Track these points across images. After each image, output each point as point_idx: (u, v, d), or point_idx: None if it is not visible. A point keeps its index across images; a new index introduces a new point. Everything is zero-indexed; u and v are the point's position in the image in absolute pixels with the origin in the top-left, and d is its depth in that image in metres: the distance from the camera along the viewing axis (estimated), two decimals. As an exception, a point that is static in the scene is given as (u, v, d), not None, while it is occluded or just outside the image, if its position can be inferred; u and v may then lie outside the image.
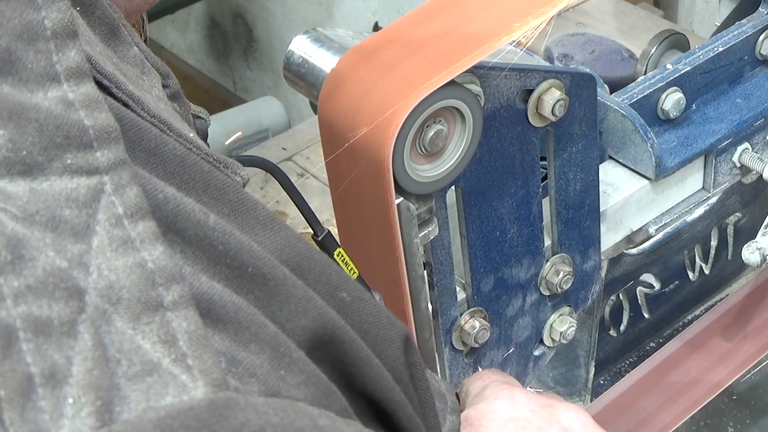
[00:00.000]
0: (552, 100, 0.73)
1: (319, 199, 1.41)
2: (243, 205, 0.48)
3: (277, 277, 0.46)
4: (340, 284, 0.51)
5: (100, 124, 0.41)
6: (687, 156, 0.88)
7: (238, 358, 0.42)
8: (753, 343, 1.02)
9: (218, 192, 0.48)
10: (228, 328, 0.42)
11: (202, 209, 0.44)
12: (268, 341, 0.43)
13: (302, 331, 0.46)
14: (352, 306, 0.51)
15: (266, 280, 0.45)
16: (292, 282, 0.46)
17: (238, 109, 2.26)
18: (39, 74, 0.41)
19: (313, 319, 0.47)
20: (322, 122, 0.69)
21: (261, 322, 0.43)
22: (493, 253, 0.78)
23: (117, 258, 0.40)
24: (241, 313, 0.43)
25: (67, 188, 0.40)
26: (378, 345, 0.52)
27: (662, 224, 0.90)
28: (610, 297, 1.09)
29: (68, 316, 0.38)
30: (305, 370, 0.44)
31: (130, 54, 0.53)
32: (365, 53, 0.69)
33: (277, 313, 0.45)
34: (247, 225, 0.48)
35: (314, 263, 0.50)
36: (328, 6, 2.27)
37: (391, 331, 0.53)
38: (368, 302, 0.52)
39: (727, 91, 0.91)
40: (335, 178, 0.72)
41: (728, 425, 1.10)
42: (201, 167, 0.47)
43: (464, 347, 0.80)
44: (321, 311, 0.47)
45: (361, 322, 0.51)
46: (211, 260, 0.44)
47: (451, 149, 0.70)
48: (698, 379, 0.99)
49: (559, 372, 1.10)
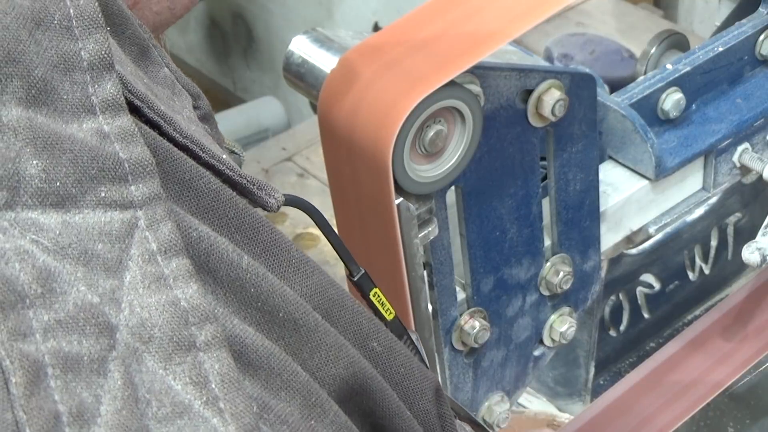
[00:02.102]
0: (552, 100, 0.73)
1: (319, 199, 1.41)
2: (276, 245, 0.47)
3: (309, 323, 0.45)
4: (371, 333, 0.50)
5: (136, 158, 0.41)
6: (687, 156, 0.88)
7: (270, 405, 0.41)
8: (753, 343, 1.02)
9: (252, 231, 0.47)
10: (259, 373, 0.41)
11: (235, 250, 0.43)
12: (299, 389, 0.42)
13: (333, 381, 0.45)
14: (383, 356, 0.50)
15: (298, 326, 0.44)
16: (323, 329, 0.45)
17: (238, 109, 2.26)
18: (74, 105, 0.41)
19: (345, 368, 0.46)
20: (322, 122, 0.69)
21: (293, 369, 0.43)
22: (493, 253, 0.78)
23: (150, 295, 0.39)
24: (272, 358, 0.42)
25: (101, 222, 0.39)
26: (410, 397, 0.51)
27: (662, 224, 0.90)
28: (610, 297, 1.09)
29: (99, 353, 0.37)
30: (336, 422, 0.43)
31: (161, 75, 0.52)
32: (365, 53, 0.69)
33: (308, 360, 0.44)
34: (279, 267, 0.47)
35: (345, 310, 0.49)
36: (328, 6, 2.27)
37: (423, 383, 0.52)
38: (399, 353, 0.51)
39: (727, 91, 0.91)
40: (335, 178, 0.72)
41: (728, 425, 1.10)
42: (236, 204, 0.46)
43: (464, 347, 0.80)
44: (352, 360, 0.46)
45: (392, 373, 0.50)
46: (242, 303, 0.43)
47: (451, 149, 0.70)
48: (698, 379, 0.99)
49: (559, 372, 1.10)
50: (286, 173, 1.46)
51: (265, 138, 2.02)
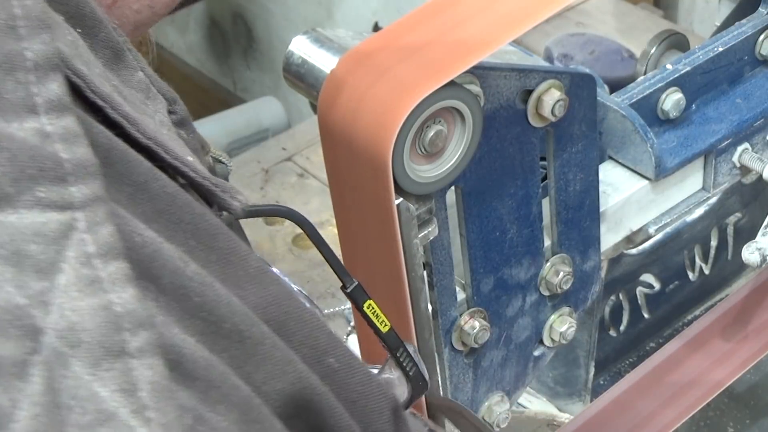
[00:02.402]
0: (552, 100, 0.73)
1: (319, 199, 1.41)
2: (233, 254, 0.46)
3: (255, 335, 0.43)
4: (328, 348, 0.48)
5: (78, 158, 0.39)
6: (687, 156, 0.88)
7: (205, 417, 0.39)
8: (753, 343, 1.02)
9: (208, 237, 0.45)
10: (197, 385, 0.40)
11: (182, 257, 0.42)
12: (238, 404, 0.41)
13: (278, 396, 0.44)
14: (340, 373, 0.48)
15: (243, 338, 0.43)
16: (271, 342, 0.44)
17: (238, 109, 2.26)
18: (16, 105, 0.39)
19: (292, 383, 0.44)
20: (322, 122, 0.69)
21: (233, 382, 0.41)
22: (493, 253, 0.78)
23: (82, 298, 0.37)
24: (212, 370, 0.40)
25: (36, 222, 0.38)
26: (366, 416, 0.49)
27: (662, 224, 0.90)
28: (610, 297, 1.09)
29: (20, 357, 0.36)
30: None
31: (135, 78, 0.51)
32: (365, 54, 0.69)
33: (253, 374, 0.43)
34: (234, 276, 0.45)
35: (303, 324, 0.47)
36: (328, 6, 2.27)
37: (381, 402, 0.50)
38: (358, 370, 0.49)
39: (727, 91, 0.91)
40: (335, 178, 0.72)
41: (728, 425, 1.10)
42: (193, 208, 0.45)
43: (464, 347, 0.80)
44: (301, 375, 0.45)
45: (349, 390, 0.49)
46: (186, 312, 0.41)
47: (451, 149, 0.70)
48: (698, 379, 0.99)
49: (559, 372, 1.10)
50: (286, 173, 1.46)
51: (265, 138, 2.02)
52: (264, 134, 2.13)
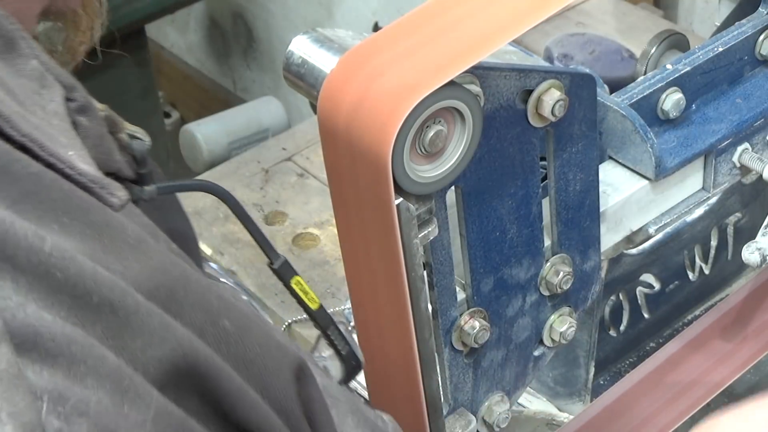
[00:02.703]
0: (552, 100, 0.73)
1: (319, 199, 1.41)
2: (108, 227, 0.45)
3: (128, 305, 0.43)
4: (221, 311, 0.48)
5: None
6: (687, 156, 0.88)
7: (67, 395, 0.38)
8: (753, 343, 1.02)
9: (80, 212, 0.45)
10: (59, 361, 0.39)
11: (36, 233, 0.41)
12: (108, 375, 0.40)
13: (159, 363, 0.43)
14: (235, 335, 0.48)
15: (115, 310, 0.42)
16: (146, 311, 0.43)
17: (238, 109, 2.26)
18: None
19: (172, 349, 0.44)
20: (322, 122, 0.69)
21: (99, 354, 0.40)
22: (493, 253, 0.78)
23: None
24: (74, 345, 0.40)
25: None
26: (264, 376, 0.49)
27: (662, 224, 0.90)
28: (610, 297, 1.09)
29: None
30: (156, 407, 0.41)
31: (28, 67, 0.51)
32: (365, 53, 0.69)
33: (129, 344, 0.42)
34: (112, 248, 0.45)
35: (191, 289, 0.47)
36: (328, 6, 2.27)
37: (281, 362, 0.50)
38: (254, 332, 0.49)
39: (727, 91, 0.91)
40: (335, 178, 0.72)
41: (728, 425, 1.10)
42: (60, 186, 0.45)
43: (464, 347, 0.80)
44: (181, 342, 0.44)
45: (245, 351, 0.48)
46: (50, 289, 0.41)
47: (451, 149, 0.70)
48: (698, 379, 0.99)
49: (559, 372, 1.10)
50: (286, 173, 1.46)
51: (265, 138, 2.02)
52: (264, 134, 2.13)
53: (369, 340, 0.79)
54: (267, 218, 1.39)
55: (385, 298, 0.74)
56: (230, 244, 1.35)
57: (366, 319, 0.78)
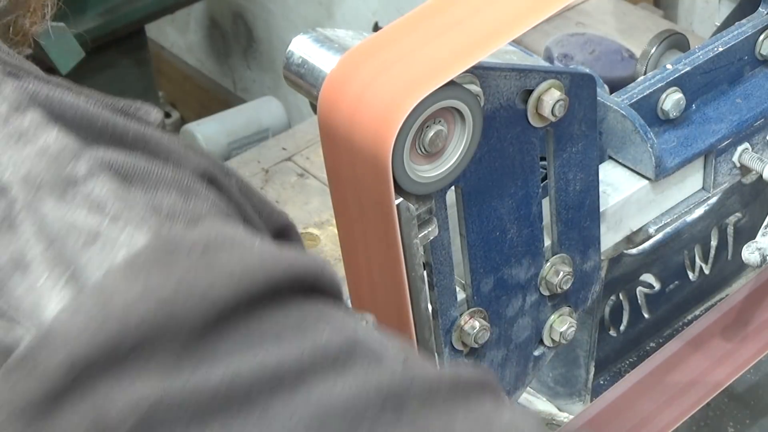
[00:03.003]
0: (552, 100, 0.73)
1: (319, 199, 1.41)
2: None
3: (155, 137, 0.50)
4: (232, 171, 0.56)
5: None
6: (687, 156, 0.88)
7: (156, 204, 0.45)
8: (753, 343, 1.02)
9: None
10: (135, 181, 0.46)
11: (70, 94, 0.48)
12: (170, 182, 0.47)
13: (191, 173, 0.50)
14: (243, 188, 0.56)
15: (146, 140, 0.50)
16: (167, 140, 0.51)
17: (238, 109, 2.26)
18: None
19: (197, 164, 0.51)
20: (322, 122, 0.69)
21: (157, 168, 0.48)
22: (493, 253, 0.78)
23: (21, 150, 0.44)
24: (138, 165, 0.47)
25: None
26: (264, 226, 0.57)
27: (662, 224, 0.90)
28: (610, 297, 1.09)
29: (3, 212, 0.43)
30: (208, 197, 0.49)
31: None
32: (365, 53, 0.69)
33: (166, 160, 0.49)
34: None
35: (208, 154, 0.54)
36: (328, 6, 2.27)
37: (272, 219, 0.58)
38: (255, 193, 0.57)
39: (727, 91, 0.91)
40: (335, 179, 0.72)
41: (728, 425, 1.10)
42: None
43: (464, 347, 0.80)
44: (198, 161, 0.51)
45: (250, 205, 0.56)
46: (95, 134, 0.48)
47: (451, 149, 0.70)
48: (698, 379, 0.99)
49: (559, 372, 1.10)
50: (286, 173, 1.46)
51: (265, 138, 2.02)
52: (264, 134, 2.13)
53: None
54: (267, 218, 1.39)
55: (385, 299, 0.74)
56: (230, 244, 1.35)
57: (366, 319, 0.77)
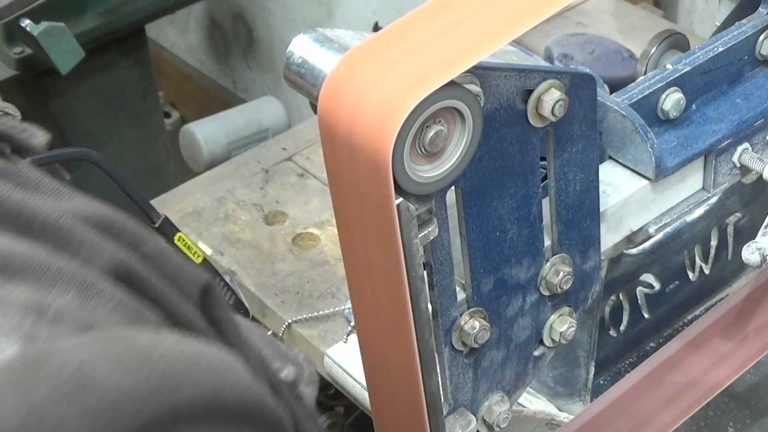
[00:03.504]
0: (552, 100, 0.73)
1: (319, 199, 1.41)
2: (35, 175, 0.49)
3: (66, 225, 0.47)
4: (144, 238, 0.52)
5: None
6: (687, 156, 0.88)
7: (45, 304, 0.42)
8: (753, 343, 1.02)
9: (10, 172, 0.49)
10: (28, 277, 0.43)
11: None
12: (71, 279, 0.44)
13: (101, 269, 0.47)
14: (156, 258, 0.52)
15: (56, 230, 0.46)
16: (81, 229, 0.47)
17: (238, 109, 2.26)
18: None
19: (110, 258, 0.47)
20: (322, 122, 0.69)
21: (59, 263, 0.44)
22: (493, 253, 0.78)
23: None
24: (36, 259, 0.44)
25: None
26: (182, 293, 0.53)
27: (662, 224, 0.90)
28: (610, 297, 1.09)
29: None
30: (113, 298, 0.45)
31: None
32: (365, 53, 0.69)
33: (75, 255, 0.46)
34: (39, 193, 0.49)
35: (116, 221, 0.51)
36: (328, 6, 2.27)
37: (191, 282, 0.53)
38: (171, 257, 0.53)
39: (727, 91, 0.91)
40: (335, 178, 0.72)
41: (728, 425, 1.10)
42: None
43: (464, 347, 0.80)
44: (115, 253, 0.48)
45: (166, 272, 0.52)
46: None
47: (451, 149, 0.70)
48: (698, 379, 0.99)
49: (559, 372, 1.10)
50: (286, 173, 1.46)
51: (265, 138, 2.02)
52: (264, 134, 2.13)
53: (369, 340, 0.79)
54: (267, 218, 1.39)
55: (385, 298, 0.74)
56: (230, 244, 1.35)
57: (366, 319, 0.78)
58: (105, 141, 1.97)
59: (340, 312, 1.24)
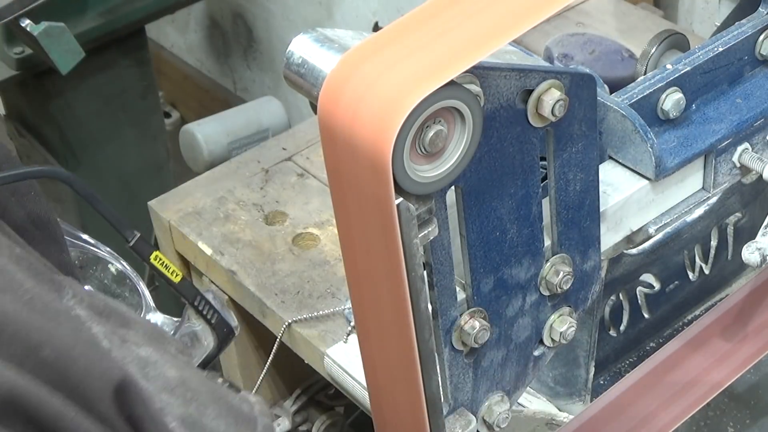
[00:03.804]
0: (552, 100, 0.73)
1: (319, 199, 1.41)
2: None
3: None
4: (42, 342, 0.49)
5: None
6: (687, 156, 0.88)
7: None
8: (753, 343, 1.02)
9: None
10: None
11: None
12: None
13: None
14: (56, 364, 0.49)
15: None
16: None
17: (238, 109, 2.26)
18: None
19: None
20: (322, 122, 0.69)
21: None
22: (493, 253, 0.78)
23: None
24: None
25: None
26: (88, 401, 0.50)
27: (662, 224, 0.90)
28: (610, 297, 1.09)
29: None
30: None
31: None
32: (365, 53, 0.69)
33: None
34: None
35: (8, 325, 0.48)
36: (328, 6, 2.27)
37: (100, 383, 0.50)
38: (78, 358, 0.50)
39: (727, 91, 0.91)
40: (335, 178, 0.72)
41: (728, 425, 1.10)
42: None
43: (464, 347, 0.80)
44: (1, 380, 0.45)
45: (67, 378, 0.49)
46: None
47: (451, 149, 0.70)
48: (698, 379, 0.99)
49: (559, 372, 1.10)
50: (286, 173, 1.47)
51: (265, 138, 2.02)
52: (264, 134, 2.13)
53: (369, 340, 0.79)
54: (267, 218, 1.39)
55: (385, 298, 0.74)
56: (230, 244, 1.35)
57: (366, 319, 0.78)
58: (105, 141, 1.97)
59: (340, 312, 1.24)
